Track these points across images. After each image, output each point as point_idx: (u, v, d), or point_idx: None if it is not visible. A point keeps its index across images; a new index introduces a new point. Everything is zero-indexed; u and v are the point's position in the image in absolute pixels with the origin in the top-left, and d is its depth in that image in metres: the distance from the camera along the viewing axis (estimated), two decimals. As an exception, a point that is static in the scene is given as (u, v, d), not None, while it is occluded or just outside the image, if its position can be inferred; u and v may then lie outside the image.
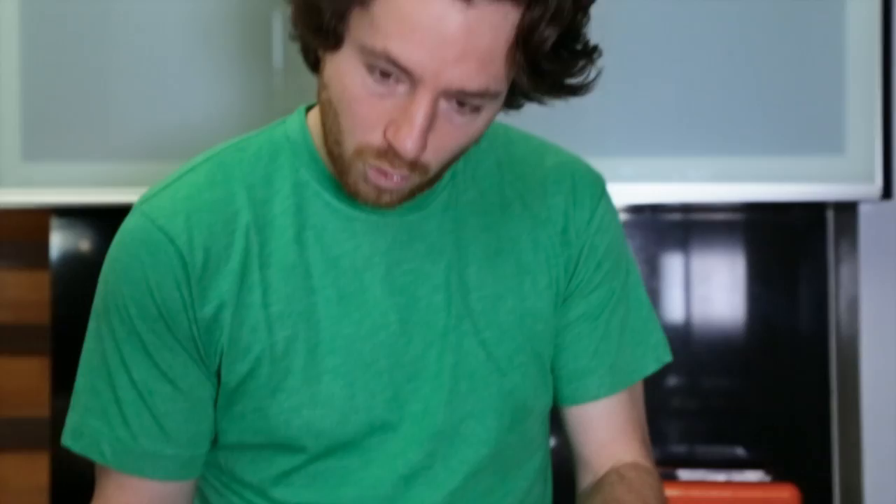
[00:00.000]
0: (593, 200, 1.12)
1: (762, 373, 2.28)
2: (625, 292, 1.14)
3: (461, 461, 1.06)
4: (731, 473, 2.14)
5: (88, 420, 1.04)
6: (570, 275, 1.10)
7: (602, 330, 1.12)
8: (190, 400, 1.03)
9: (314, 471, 1.05)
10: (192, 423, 1.04)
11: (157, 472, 1.04)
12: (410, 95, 0.92)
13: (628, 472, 1.12)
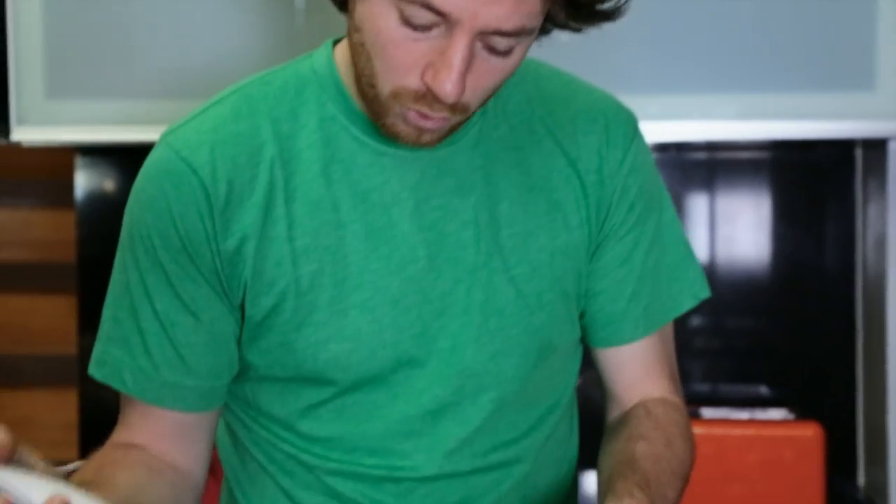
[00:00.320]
0: (626, 140, 1.10)
1: (787, 312, 2.27)
2: (659, 231, 1.13)
3: (488, 398, 1.07)
4: (754, 412, 2.14)
5: (111, 349, 1.05)
6: (604, 217, 1.09)
7: (638, 272, 1.11)
8: (211, 332, 1.04)
9: (341, 405, 1.05)
10: (213, 355, 1.05)
11: (178, 403, 1.05)
12: (447, 38, 0.91)
13: (655, 408, 1.13)
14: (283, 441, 1.08)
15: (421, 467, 1.06)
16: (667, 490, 1.04)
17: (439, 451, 1.06)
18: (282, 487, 1.09)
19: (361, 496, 1.07)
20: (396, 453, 1.06)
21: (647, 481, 1.01)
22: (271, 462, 1.10)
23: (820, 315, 2.25)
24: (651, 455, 1.06)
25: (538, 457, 1.11)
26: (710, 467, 2.03)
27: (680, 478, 1.08)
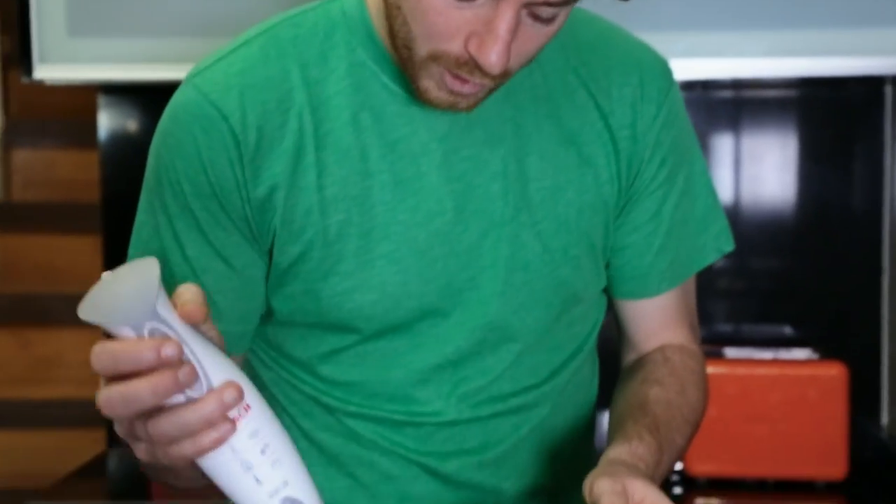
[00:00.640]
0: (661, 94, 1.08)
1: (812, 252, 2.26)
2: (689, 184, 1.12)
3: (510, 348, 1.07)
4: (778, 352, 2.14)
5: None
6: (635, 174, 1.08)
7: (666, 226, 1.10)
8: (242, 278, 1.04)
9: (363, 351, 1.06)
10: (244, 300, 1.05)
11: None
12: (493, 7, 0.89)
13: (673, 355, 1.13)
14: (303, 383, 1.09)
15: (441, 413, 1.07)
16: (675, 436, 1.04)
17: (459, 398, 1.07)
18: (301, 428, 1.10)
19: (381, 438, 1.07)
20: (416, 400, 1.06)
21: (656, 425, 1.02)
22: (291, 403, 1.10)
23: (846, 254, 2.24)
24: (663, 400, 1.06)
25: (558, 401, 1.12)
26: (733, 407, 2.03)
27: (690, 425, 1.08)
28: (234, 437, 0.75)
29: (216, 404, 0.74)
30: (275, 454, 0.77)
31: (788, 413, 2.04)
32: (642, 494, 0.88)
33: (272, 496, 0.77)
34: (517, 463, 1.10)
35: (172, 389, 0.73)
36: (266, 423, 0.77)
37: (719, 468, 2.07)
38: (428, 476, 1.08)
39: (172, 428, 0.75)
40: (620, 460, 0.95)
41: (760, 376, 2.06)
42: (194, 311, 0.77)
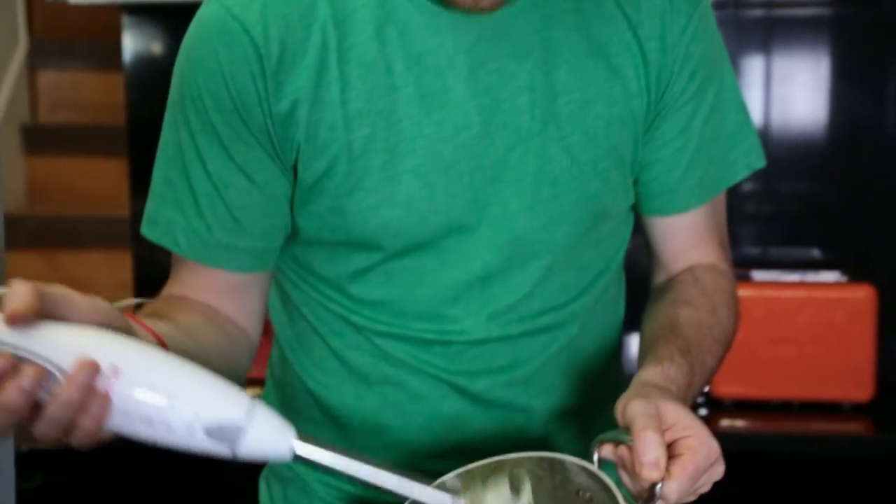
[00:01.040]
0: (690, 5, 1.06)
1: (842, 174, 2.24)
2: (719, 98, 1.10)
3: (538, 265, 1.06)
4: (806, 274, 2.13)
5: (164, 210, 1.05)
6: (665, 86, 1.06)
7: (695, 141, 1.09)
8: (265, 194, 1.04)
9: (390, 269, 1.06)
10: (266, 217, 1.05)
11: (231, 264, 1.05)
12: None
13: (703, 275, 1.12)
14: (332, 302, 1.09)
15: (469, 331, 1.06)
16: (706, 356, 1.04)
17: (488, 316, 1.06)
18: (331, 347, 1.11)
19: (410, 357, 1.08)
20: (445, 318, 1.06)
21: (688, 347, 1.01)
22: (321, 322, 1.11)
23: (876, 176, 2.22)
24: (694, 321, 1.06)
25: (587, 320, 1.11)
26: (760, 330, 2.03)
27: (721, 345, 1.08)
28: (117, 403, 0.73)
29: (74, 388, 0.73)
30: (169, 393, 0.74)
31: (815, 335, 2.04)
32: (675, 417, 0.89)
33: (191, 432, 0.74)
34: (546, 382, 1.10)
35: (22, 399, 0.72)
36: (145, 370, 0.74)
37: (745, 390, 2.08)
38: (457, 395, 1.08)
39: (51, 427, 0.74)
40: (653, 383, 0.95)
41: (788, 299, 2.06)
42: (14, 314, 0.74)
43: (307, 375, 1.13)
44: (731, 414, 2.07)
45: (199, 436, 0.74)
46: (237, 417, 0.75)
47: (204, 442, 0.74)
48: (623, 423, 0.89)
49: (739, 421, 2.06)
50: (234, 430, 0.74)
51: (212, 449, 0.75)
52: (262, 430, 0.76)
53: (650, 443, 0.85)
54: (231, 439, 0.74)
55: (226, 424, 0.74)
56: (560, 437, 1.12)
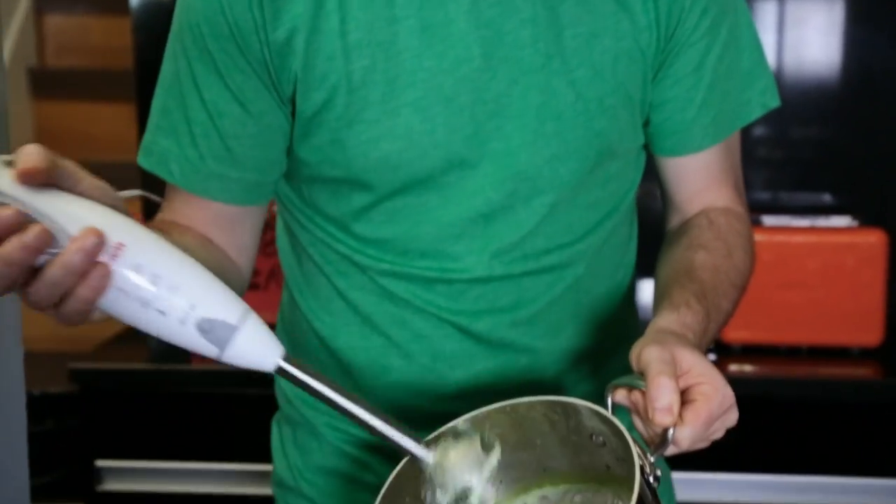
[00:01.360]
0: None
1: (855, 118, 2.22)
2: (733, 35, 1.08)
3: (541, 202, 1.05)
4: (817, 219, 2.12)
5: (159, 139, 1.05)
6: (675, 23, 1.05)
7: (709, 79, 1.08)
8: (259, 125, 1.03)
9: (392, 207, 1.05)
10: (260, 148, 1.04)
11: (222, 195, 1.05)
12: None
13: (718, 218, 1.11)
14: (337, 242, 1.09)
15: (472, 269, 1.06)
16: (722, 301, 1.03)
17: (491, 254, 1.06)
18: (336, 288, 1.11)
19: (414, 297, 1.08)
20: (448, 256, 1.06)
21: (703, 292, 1.01)
22: (327, 262, 1.10)
23: (889, 121, 2.20)
24: (710, 265, 1.05)
25: (593, 261, 1.11)
26: (770, 275, 2.03)
27: (737, 289, 1.07)
28: (117, 278, 0.73)
29: (78, 252, 0.72)
30: (170, 281, 0.73)
31: (825, 280, 2.03)
32: (690, 364, 0.88)
33: (183, 323, 0.74)
34: (551, 322, 1.10)
35: (21, 254, 0.71)
36: (150, 253, 0.74)
37: (754, 335, 2.08)
38: (460, 334, 1.08)
39: (47, 290, 0.73)
40: (669, 329, 0.95)
41: (798, 244, 2.05)
42: (29, 170, 0.72)
43: (314, 317, 1.13)
44: (740, 359, 2.07)
45: (191, 328, 0.74)
46: (231, 319, 0.75)
47: (193, 336, 0.74)
48: (638, 368, 0.89)
49: (748, 366, 2.06)
50: (226, 331, 0.75)
51: (199, 345, 0.75)
52: (253, 338, 0.76)
53: (664, 388, 0.85)
54: (221, 339, 0.75)
55: (219, 323, 0.74)
56: (569, 378, 1.12)
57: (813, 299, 2.04)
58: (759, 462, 1.97)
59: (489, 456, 0.93)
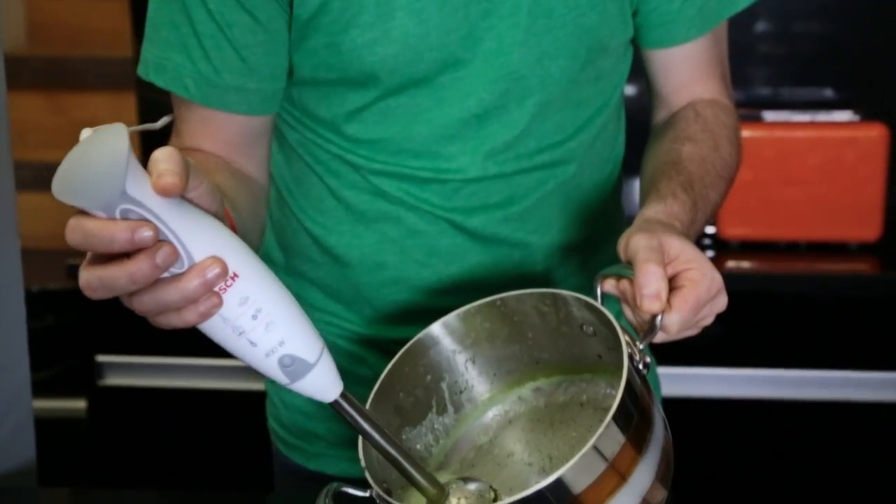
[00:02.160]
0: None
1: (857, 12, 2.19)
2: None
3: (533, 101, 1.05)
4: (817, 114, 2.10)
5: (170, 54, 1.03)
6: None
7: None
8: (269, 32, 1.01)
9: (385, 108, 1.04)
10: (273, 55, 1.03)
11: (241, 107, 1.04)
12: None
13: (704, 110, 1.11)
14: (329, 143, 1.08)
15: (465, 169, 1.06)
16: (710, 192, 1.03)
17: (485, 154, 1.06)
18: (328, 187, 1.10)
19: (407, 196, 1.08)
20: (441, 156, 1.06)
21: (690, 183, 1.01)
22: (317, 162, 1.10)
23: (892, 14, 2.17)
24: (697, 157, 1.05)
25: (585, 159, 1.11)
26: (770, 171, 2.02)
27: (724, 181, 1.07)
28: (223, 307, 0.73)
29: (198, 281, 0.71)
30: (268, 317, 0.74)
31: (826, 176, 2.03)
32: (678, 251, 0.88)
33: (268, 356, 0.75)
34: (542, 218, 1.10)
35: (151, 276, 0.70)
36: (257, 287, 0.74)
37: (752, 231, 2.08)
38: (454, 231, 1.08)
39: (156, 306, 0.73)
40: (656, 219, 0.95)
41: (798, 139, 2.04)
42: (170, 186, 0.69)
43: (305, 216, 1.13)
44: (738, 255, 2.08)
45: (273, 361, 0.76)
46: (311, 359, 0.77)
47: (272, 367, 0.76)
48: (625, 257, 0.89)
49: (746, 262, 2.06)
50: (304, 368, 0.77)
51: (273, 373, 0.77)
52: (322, 375, 0.78)
53: (651, 275, 0.85)
54: (297, 374, 0.77)
55: (300, 361, 0.77)
56: (561, 271, 1.13)
57: (812, 195, 2.04)
58: (757, 357, 1.98)
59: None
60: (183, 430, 2.13)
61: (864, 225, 2.04)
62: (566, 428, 0.96)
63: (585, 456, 0.79)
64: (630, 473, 0.82)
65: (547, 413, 0.98)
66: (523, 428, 0.98)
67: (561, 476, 0.78)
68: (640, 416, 0.83)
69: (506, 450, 0.97)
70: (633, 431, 0.82)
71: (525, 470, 0.95)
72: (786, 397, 1.97)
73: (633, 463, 0.82)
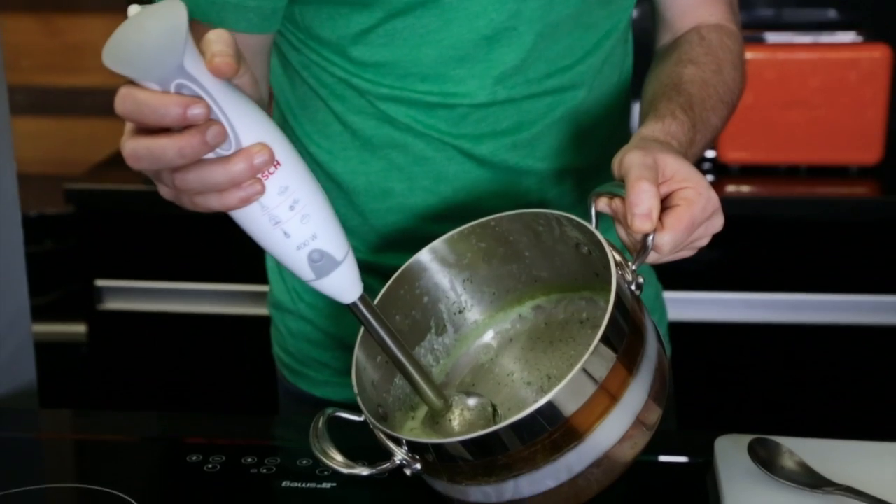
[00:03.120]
0: None
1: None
2: None
3: (544, 23, 1.03)
4: (820, 35, 2.08)
5: None
6: None
7: None
8: None
9: (392, 29, 1.03)
10: None
11: (240, 24, 1.02)
12: None
13: (709, 34, 1.10)
14: (333, 66, 1.06)
15: (474, 94, 1.04)
16: (710, 115, 1.02)
17: (495, 80, 1.04)
18: (333, 111, 1.09)
19: (414, 121, 1.06)
20: (449, 79, 1.04)
21: (690, 104, 1.00)
22: (322, 86, 1.08)
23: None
24: (699, 79, 1.04)
25: (593, 83, 1.09)
26: (771, 93, 2.01)
27: (726, 105, 1.06)
28: (263, 195, 0.74)
29: (245, 165, 0.72)
30: (304, 209, 0.75)
31: (827, 98, 2.01)
32: (674, 169, 0.87)
33: (300, 248, 0.76)
34: (551, 143, 1.09)
35: (200, 152, 0.71)
36: (297, 178, 0.75)
37: (752, 155, 2.07)
38: (462, 157, 1.07)
39: (200, 184, 0.73)
40: (653, 137, 0.94)
41: (800, 61, 2.02)
42: (224, 65, 0.70)
43: (310, 141, 1.12)
44: (738, 179, 2.07)
45: (303, 255, 0.77)
46: (339, 256, 0.79)
47: (301, 261, 0.77)
48: (619, 175, 0.88)
49: (745, 186, 2.06)
50: (331, 265, 0.78)
51: (301, 268, 0.78)
52: (345, 275, 0.80)
53: (643, 193, 0.84)
54: (323, 270, 0.78)
55: (328, 257, 0.78)
56: (568, 198, 1.12)
57: (814, 118, 2.02)
58: (757, 281, 1.98)
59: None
60: (184, 355, 2.14)
61: (865, 148, 2.03)
62: (565, 346, 0.96)
63: (575, 379, 0.79)
64: (622, 394, 0.82)
65: (547, 331, 0.98)
66: (523, 347, 0.98)
67: (552, 399, 0.79)
68: (631, 337, 0.83)
69: (506, 369, 0.98)
70: (623, 352, 0.82)
71: (524, 389, 0.96)
72: (785, 321, 1.98)
73: (625, 383, 0.82)
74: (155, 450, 1.10)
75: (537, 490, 0.83)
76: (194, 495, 0.99)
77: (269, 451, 1.04)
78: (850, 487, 0.90)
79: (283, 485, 0.99)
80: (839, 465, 0.94)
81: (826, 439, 0.99)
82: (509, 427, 0.79)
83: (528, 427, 0.79)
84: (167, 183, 0.75)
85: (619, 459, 0.84)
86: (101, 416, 1.24)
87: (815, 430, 1.02)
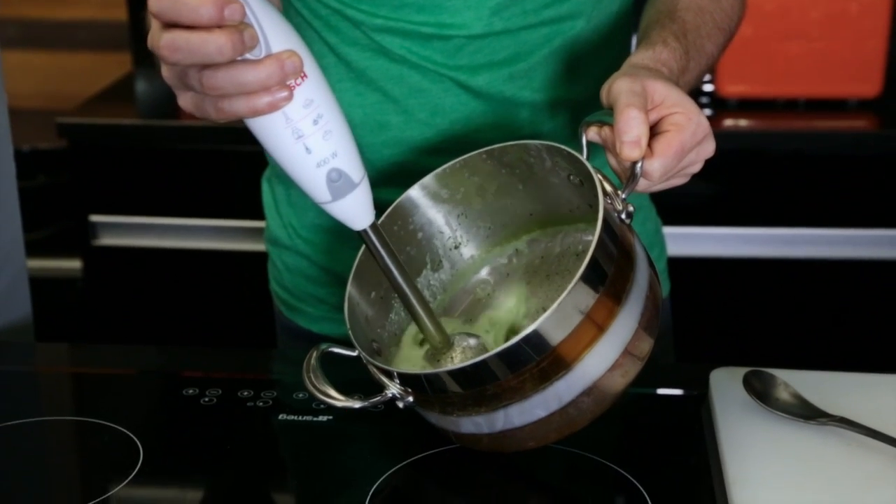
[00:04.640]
0: None
1: None
2: None
3: None
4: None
5: None
6: None
7: None
8: None
9: None
10: None
11: None
12: None
13: None
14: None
15: (470, 25, 1.03)
16: (706, 42, 1.01)
17: (491, 10, 1.03)
18: (327, 43, 1.07)
19: (409, 53, 1.05)
20: (445, 9, 1.03)
21: (684, 31, 0.99)
22: (315, 17, 1.07)
23: None
24: (694, 6, 1.02)
25: (592, 13, 1.08)
26: (770, 25, 1.99)
27: (723, 32, 1.05)
28: (289, 105, 0.74)
29: (276, 68, 0.72)
30: (327, 125, 0.76)
31: (827, 30, 1.99)
32: (662, 95, 0.86)
33: (319, 166, 0.77)
34: (548, 75, 1.08)
35: (233, 52, 0.71)
36: (322, 94, 0.76)
37: (750, 89, 2.05)
38: (459, 89, 1.06)
39: (228, 84, 0.73)
40: (642, 65, 0.93)
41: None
42: None
43: (303, 72, 1.10)
44: (736, 113, 2.06)
45: (322, 172, 0.77)
46: (356, 178, 0.79)
47: (319, 178, 0.77)
48: (607, 102, 0.87)
49: (743, 120, 2.04)
50: (348, 186, 0.78)
51: (318, 188, 0.78)
52: (360, 199, 0.80)
53: (632, 120, 0.83)
54: (340, 191, 0.78)
55: (346, 177, 0.78)
56: (567, 130, 1.11)
57: (813, 50, 2.00)
58: (755, 216, 1.98)
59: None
60: (180, 291, 2.14)
61: (865, 81, 2.02)
62: (561, 279, 0.96)
63: (560, 308, 0.79)
64: (609, 324, 0.82)
65: (543, 265, 0.98)
66: (520, 280, 0.98)
67: (537, 328, 0.79)
68: (620, 266, 0.82)
69: (504, 304, 0.97)
70: (611, 282, 0.81)
71: (521, 323, 0.95)
72: (784, 256, 1.98)
73: (612, 313, 0.82)
74: (152, 383, 1.10)
75: (528, 420, 0.83)
76: (191, 428, 0.99)
77: (266, 385, 1.05)
78: (844, 418, 0.90)
79: (280, 418, 0.99)
80: (833, 396, 0.94)
81: (820, 371, 0.99)
82: (496, 356, 0.79)
83: (515, 356, 0.80)
84: (194, 84, 0.74)
85: (610, 388, 0.84)
86: (98, 349, 1.24)
87: (812, 364, 1.03)
